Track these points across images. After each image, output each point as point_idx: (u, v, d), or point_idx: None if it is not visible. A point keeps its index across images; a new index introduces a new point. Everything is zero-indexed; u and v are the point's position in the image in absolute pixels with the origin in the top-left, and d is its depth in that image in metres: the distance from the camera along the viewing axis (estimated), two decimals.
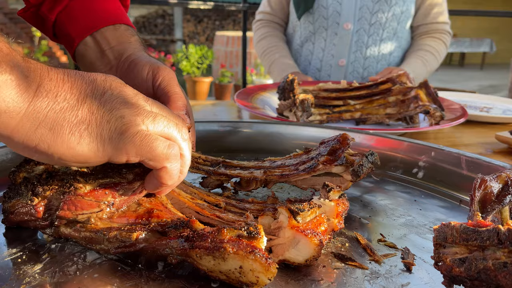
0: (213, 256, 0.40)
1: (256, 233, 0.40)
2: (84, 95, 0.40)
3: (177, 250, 0.42)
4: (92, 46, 0.64)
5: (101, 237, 0.45)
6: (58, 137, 0.38)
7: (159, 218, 0.46)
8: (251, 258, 0.39)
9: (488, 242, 0.39)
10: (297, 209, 0.45)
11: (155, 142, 0.42)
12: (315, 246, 0.44)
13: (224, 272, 0.41)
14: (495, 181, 0.54)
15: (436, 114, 0.97)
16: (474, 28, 11.73)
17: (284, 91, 1.10)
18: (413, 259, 0.49)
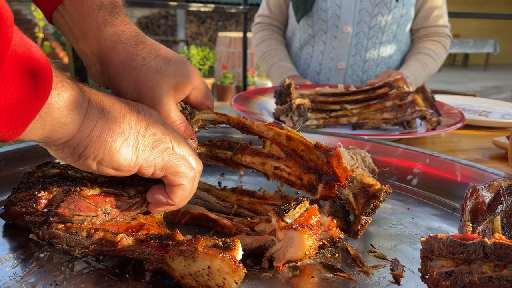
0: (184, 256, 0.41)
1: (232, 245, 0.42)
2: (124, 111, 0.45)
3: (154, 255, 0.44)
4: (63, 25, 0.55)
5: (85, 237, 0.47)
6: (102, 144, 0.42)
7: (148, 231, 0.48)
8: (219, 258, 0.40)
9: (474, 255, 0.39)
10: (283, 211, 0.47)
11: (180, 160, 0.47)
12: (308, 237, 0.46)
13: (193, 274, 0.42)
14: (486, 190, 0.54)
15: (432, 119, 0.96)
16: (478, 28, 11.68)
17: (281, 95, 1.10)
18: (402, 270, 0.48)
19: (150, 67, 0.53)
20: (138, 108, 0.47)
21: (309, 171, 0.55)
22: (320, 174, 0.54)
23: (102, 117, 0.43)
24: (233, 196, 0.60)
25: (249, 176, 0.76)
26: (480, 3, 10.99)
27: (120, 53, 0.53)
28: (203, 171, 0.74)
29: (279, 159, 0.58)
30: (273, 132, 0.58)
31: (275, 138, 0.57)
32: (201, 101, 0.59)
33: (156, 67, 0.53)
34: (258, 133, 0.59)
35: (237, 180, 0.73)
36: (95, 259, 0.48)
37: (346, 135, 0.83)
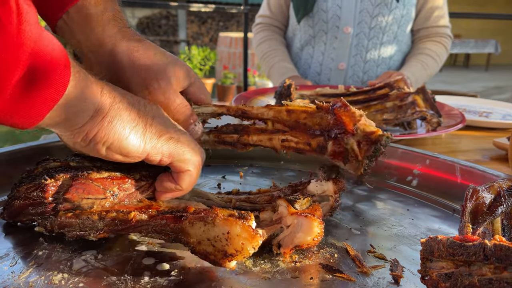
0: (205, 222, 0.44)
1: (247, 216, 0.44)
2: (133, 101, 0.48)
3: (170, 224, 0.46)
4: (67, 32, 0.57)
5: (98, 220, 0.48)
6: (113, 130, 0.45)
7: (158, 209, 0.50)
8: (240, 224, 0.43)
9: (474, 257, 0.39)
10: (294, 198, 0.50)
11: (185, 148, 0.50)
12: (318, 223, 0.48)
13: (212, 239, 0.44)
14: (487, 192, 0.54)
15: (433, 120, 0.96)
16: (479, 29, 11.67)
17: (281, 96, 1.10)
18: (402, 271, 0.48)
19: (151, 56, 0.56)
20: (144, 102, 0.50)
21: (315, 135, 0.57)
22: (327, 133, 0.56)
23: (114, 105, 0.45)
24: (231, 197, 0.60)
25: (249, 177, 0.76)
26: (481, 4, 10.98)
27: (123, 46, 0.56)
28: (203, 172, 0.75)
29: (285, 133, 0.59)
30: (273, 111, 0.59)
31: (276, 116, 0.59)
32: (199, 97, 0.61)
33: (158, 57, 0.56)
34: (258, 117, 0.60)
35: (237, 182, 0.73)
36: (94, 258, 0.48)
37: None
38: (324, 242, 0.54)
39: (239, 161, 0.82)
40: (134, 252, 0.50)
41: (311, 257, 0.50)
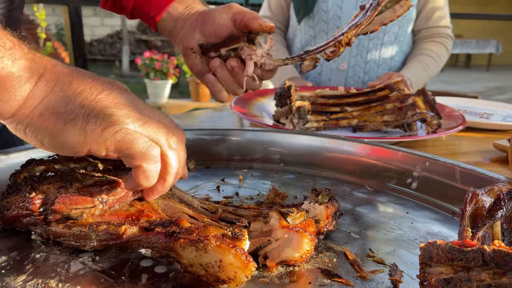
0: (196, 247, 0.42)
1: (240, 235, 0.43)
2: (81, 89, 0.44)
3: (162, 243, 0.44)
4: (169, 19, 0.75)
5: (90, 232, 0.47)
6: (44, 123, 0.42)
7: (149, 217, 0.48)
8: (232, 253, 0.41)
9: (473, 263, 0.38)
10: (287, 211, 0.48)
11: (136, 140, 0.44)
12: (308, 240, 0.47)
13: (204, 265, 0.42)
14: (487, 195, 0.53)
15: (433, 122, 0.96)
16: (480, 29, 11.65)
17: (281, 97, 1.09)
18: (401, 276, 0.48)
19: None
20: (104, 87, 0.45)
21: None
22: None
23: (50, 94, 0.42)
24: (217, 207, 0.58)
25: (249, 180, 0.76)
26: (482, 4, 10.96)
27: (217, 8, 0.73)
28: (202, 175, 0.75)
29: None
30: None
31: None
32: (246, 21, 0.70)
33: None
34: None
35: (237, 185, 0.73)
36: (91, 260, 0.48)
37: (346, 137, 0.83)
38: (323, 246, 0.54)
39: (238, 163, 0.82)
40: (132, 254, 0.49)
41: (310, 261, 0.50)
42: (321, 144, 0.82)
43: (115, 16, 9.53)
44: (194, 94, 5.84)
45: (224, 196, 0.68)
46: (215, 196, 0.67)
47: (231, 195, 0.68)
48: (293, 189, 0.72)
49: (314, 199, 0.55)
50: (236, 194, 0.68)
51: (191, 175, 0.75)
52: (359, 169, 0.77)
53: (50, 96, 0.42)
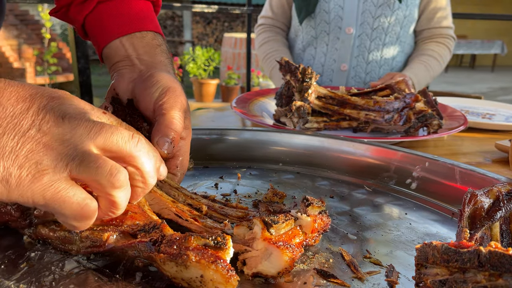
0: (176, 263, 0.40)
1: (223, 244, 0.40)
2: (2, 130, 0.37)
3: (144, 253, 0.43)
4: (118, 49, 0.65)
5: (73, 237, 0.46)
6: None
7: (132, 220, 0.47)
8: (213, 268, 0.39)
9: (469, 264, 0.38)
10: (271, 221, 0.45)
11: (68, 199, 0.38)
12: (287, 258, 0.44)
13: (186, 279, 0.41)
14: (485, 196, 0.53)
15: (433, 122, 0.95)
16: (485, 29, 11.60)
17: (281, 97, 1.09)
18: (397, 277, 0.48)
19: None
20: (32, 122, 0.37)
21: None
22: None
23: None
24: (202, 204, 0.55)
25: (247, 179, 0.75)
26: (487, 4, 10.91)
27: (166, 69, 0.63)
28: (201, 174, 0.75)
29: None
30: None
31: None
32: (181, 155, 0.59)
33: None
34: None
35: (235, 183, 0.73)
36: (86, 259, 0.48)
37: (345, 137, 0.82)
38: (319, 247, 0.53)
39: (237, 162, 0.81)
40: None
41: (306, 262, 0.50)
42: (321, 144, 0.81)
43: None
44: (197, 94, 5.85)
45: (222, 194, 0.67)
46: (213, 194, 0.67)
47: (229, 193, 0.68)
48: (291, 189, 0.71)
49: (303, 209, 0.49)
50: (234, 192, 0.68)
51: (190, 174, 0.75)
52: (359, 169, 0.77)
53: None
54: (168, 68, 0.64)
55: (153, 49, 0.65)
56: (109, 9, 0.66)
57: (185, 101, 0.59)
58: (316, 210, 0.49)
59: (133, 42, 0.65)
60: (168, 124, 0.54)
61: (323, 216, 0.49)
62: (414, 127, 0.96)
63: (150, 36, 0.66)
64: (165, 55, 0.67)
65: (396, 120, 0.96)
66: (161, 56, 0.66)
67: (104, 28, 0.66)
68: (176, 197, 0.56)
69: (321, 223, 0.49)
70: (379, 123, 0.99)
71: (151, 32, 0.67)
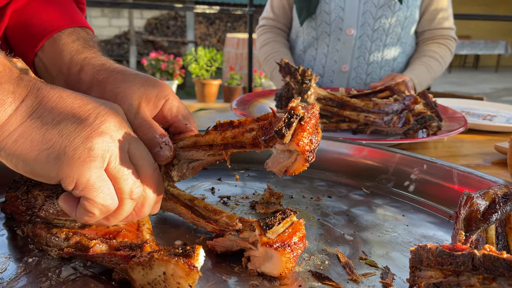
0: (143, 266, 0.41)
1: (192, 252, 0.40)
2: (62, 118, 0.42)
3: (120, 265, 0.44)
4: (43, 69, 0.61)
5: (62, 239, 0.47)
6: (18, 150, 0.41)
7: (123, 238, 0.48)
8: (173, 262, 0.39)
9: (463, 267, 0.38)
10: (267, 226, 0.46)
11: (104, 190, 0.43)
12: (287, 259, 0.46)
13: (151, 283, 0.41)
14: (481, 199, 0.53)
15: (433, 124, 0.95)
16: (489, 30, 11.56)
17: (281, 98, 1.09)
18: (393, 279, 0.48)
19: (117, 78, 0.54)
20: (88, 115, 0.43)
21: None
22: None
23: (28, 121, 0.41)
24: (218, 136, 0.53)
25: (245, 180, 0.75)
26: (491, 5, 10.87)
27: (88, 72, 0.55)
28: (199, 175, 0.75)
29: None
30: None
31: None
32: (176, 116, 0.56)
33: (123, 78, 0.54)
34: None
35: (233, 185, 0.73)
36: (82, 265, 0.48)
37: (344, 139, 0.82)
38: (315, 248, 0.53)
39: (236, 164, 0.81)
40: None
41: (301, 264, 0.50)
42: (319, 146, 0.81)
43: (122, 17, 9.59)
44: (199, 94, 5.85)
45: (219, 196, 0.68)
46: (210, 196, 0.68)
47: (226, 195, 0.68)
48: (289, 189, 0.72)
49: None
50: (228, 198, 0.68)
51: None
52: (357, 171, 0.77)
53: (28, 122, 0.41)
54: (87, 67, 0.56)
55: (68, 50, 0.59)
56: (22, 18, 0.62)
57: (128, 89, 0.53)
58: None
59: (49, 55, 0.60)
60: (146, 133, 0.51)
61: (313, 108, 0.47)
62: (413, 129, 0.96)
63: (66, 34, 0.60)
64: (83, 49, 0.59)
65: (395, 122, 0.96)
66: (77, 55, 0.58)
67: (23, 42, 0.62)
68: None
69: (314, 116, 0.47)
70: (378, 125, 0.99)
71: (67, 30, 0.61)
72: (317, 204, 0.66)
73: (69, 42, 0.59)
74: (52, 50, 0.59)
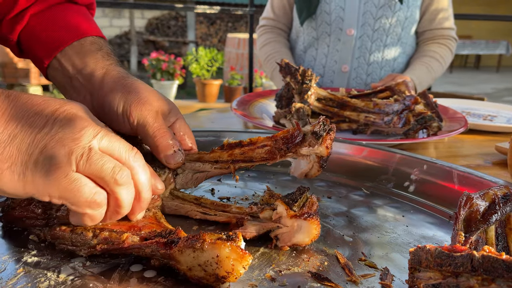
0: (194, 248, 0.43)
1: (235, 237, 0.43)
2: (18, 130, 0.41)
3: (161, 251, 0.45)
4: (59, 70, 0.62)
5: (90, 237, 0.48)
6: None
7: (150, 228, 0.50)
8: (227, 246, 0.42)
9: (462, 268, 0.38)
10: (292, 200, 0.53)
11: (81, 188, 0.42)
12: (315, 225, 0.51)
13: (202, 264, 0.43)
14: (481, 199, 0.53)
15: (433, 124, 0.95)
16: (490, 29, 11.54)
17: (281, 98, 1.09)
18: (392, 280, 0.48)
19: (141, 86, 0.57)
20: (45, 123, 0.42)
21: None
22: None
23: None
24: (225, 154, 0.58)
25: (244, 181, 0.75)
26: (492, 5, 10.85)
27: (114, 75, 0.59)
28: None
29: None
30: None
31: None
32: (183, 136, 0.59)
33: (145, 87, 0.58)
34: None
35: (232, 185, 0.73)
36: (82, 265, 0.48)
37: (344, 139, 0.82)
38: (315, 249, 0.53)
39: None
40: (123, 259, 0.49)
41: (301, 265, 0.50)
42: None
43: (123, 17, 9.60)
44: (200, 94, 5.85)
45: (218, 197, 0.68)
46: (210, 197, 0.67)
47: (226, 196, 0.68)
48: (288, 190, 0.71)
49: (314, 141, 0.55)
50: (227, 199, 0.68)
51: None
52: (357, 172, 0.77)
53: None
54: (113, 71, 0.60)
55: (94, 55, 0.62)
56: (42, 23, 0.64)
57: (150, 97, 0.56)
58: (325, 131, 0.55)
59: (70, 56, 0.62)
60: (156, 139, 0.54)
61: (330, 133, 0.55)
62: (413, 129, 0.96)
63: (89, 41, 0.64)
64: (107, 57, 0.63)
65: (396, 123, 0.96)
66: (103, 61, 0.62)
67: (41, 44, 0.63)
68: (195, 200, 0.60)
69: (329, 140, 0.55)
70: (378, 125, 0.99)
71: (89, 37, 0.64)
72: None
73: (93, 50, 0.62)
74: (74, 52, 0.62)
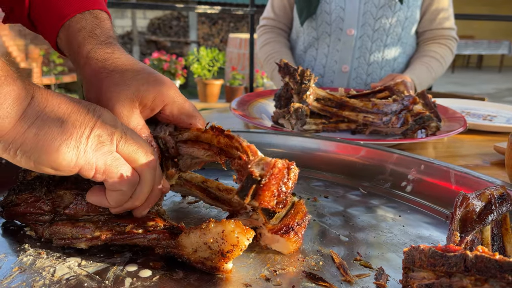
0: (200, 228, 0.45)
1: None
2: (70, 110, 0.45)
3: (165, 239, 0.47)
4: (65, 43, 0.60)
5: (93, 228, 0.49)
6: (39, 142, 0.42)
7: (154, 222, 0.50)
8: (232, 223, 0.45)
9: (455, 268, 0.38)
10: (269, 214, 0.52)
11: (122, 166, 0.47)
12: (292, 242, 0.51)
13: (208, 243, 0.45)
14: (477, 199, 0.53)
15: (431, 124, 0.95)
16: (492, 30, 11.50)
17: (280, 98, 1.09)
18: (386, 280, 0.48)
19: (114, 79, 0.55)
20: (89, 109, 0.46)
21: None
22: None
23: (43, 115, 0.43)
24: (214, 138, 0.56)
25: None
26: (495, 5, 10.82)
27: (92, 66, 0.56)
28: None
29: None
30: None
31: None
32: (178, 117, 0.57)
33: (120, 80, 0.54)
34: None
35: (230, 185, 0.73)
36: (77, 265, 0.48)
37: (341, 139, 0.82)
38: (310, 249, 0.53)
39: None
40: (118, 259, 0.49)
41: (295, 265, 0.50)
42: (316, 146, 0.81)
43: (125, 17, 9.61)
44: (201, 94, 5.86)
45: None
46: None
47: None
48: None
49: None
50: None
51: None
52: (354, 172, 0.77)
53: (43, 116, 0.43)
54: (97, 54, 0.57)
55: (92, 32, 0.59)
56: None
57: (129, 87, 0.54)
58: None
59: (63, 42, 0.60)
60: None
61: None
62: (412, 129, 0.95)
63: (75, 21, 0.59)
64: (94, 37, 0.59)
65: (394, 123, 0.96)
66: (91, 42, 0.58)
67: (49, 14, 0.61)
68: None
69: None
70: (377, 125, 0.99)
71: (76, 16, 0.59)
72: (313, 205, 0.66)
73: (75, 31, 0.59)
74: (65, 38, 0.60)
